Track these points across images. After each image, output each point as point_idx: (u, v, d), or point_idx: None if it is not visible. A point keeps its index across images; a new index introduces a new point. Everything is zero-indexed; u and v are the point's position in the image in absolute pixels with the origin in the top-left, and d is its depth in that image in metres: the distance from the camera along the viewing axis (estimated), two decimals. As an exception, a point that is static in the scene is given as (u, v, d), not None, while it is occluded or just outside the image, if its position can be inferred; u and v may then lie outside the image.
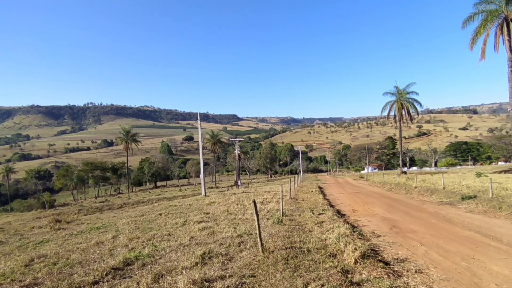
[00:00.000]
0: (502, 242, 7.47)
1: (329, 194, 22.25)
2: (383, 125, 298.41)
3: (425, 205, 14.73)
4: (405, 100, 43.63)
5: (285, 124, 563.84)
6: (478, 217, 11.05)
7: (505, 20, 20.91)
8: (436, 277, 5.32)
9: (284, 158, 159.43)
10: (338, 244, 6.88)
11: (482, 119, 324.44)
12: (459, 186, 19.71)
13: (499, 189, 16.53)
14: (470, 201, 14.08)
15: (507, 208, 11.63)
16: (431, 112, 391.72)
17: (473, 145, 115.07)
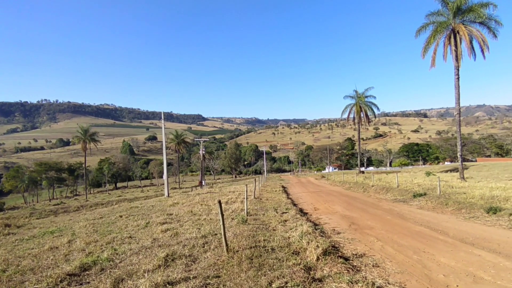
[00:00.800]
0: (449, 236, 8.05)
1: (292, 193, 22.60)
2: (343, 127, 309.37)
3: (381, 203, 15.48)
4: (364, 103, 45.64)
5: (250, 125, 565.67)
6: (428, 213, 11.81)
7: (452, 31, 22.61)
8: (391, 270, 5.61)
9: (249, 158, 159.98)
10: (301, 242, 7.01)
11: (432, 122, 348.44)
12: (411, 185, 20.95)
13: (446, 187, 17.80)
14: (421, 198, 15.01)
15: (453, 204, 12.55)
16: (387, 115, 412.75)
17: (424, 147, 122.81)
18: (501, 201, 12.31)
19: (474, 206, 11.66)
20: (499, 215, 10.09)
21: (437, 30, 23.08)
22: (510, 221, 9.29)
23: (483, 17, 21.53)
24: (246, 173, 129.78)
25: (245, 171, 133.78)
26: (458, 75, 23.02)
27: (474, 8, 21.65)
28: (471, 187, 17.46)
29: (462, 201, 12.85)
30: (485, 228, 8.87)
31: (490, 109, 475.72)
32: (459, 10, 22.28)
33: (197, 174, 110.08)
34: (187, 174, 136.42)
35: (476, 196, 13.89)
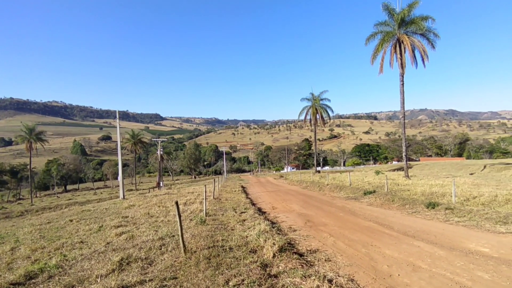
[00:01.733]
0: (394, 230, 8.67)
1: (251, 193, 22.75)
2: (300, 128, 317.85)
3: (335, 200, 16.19)
4: (319, 106, 47.33)
5: (210, 125, 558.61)
6: (376, 209, 12.59)
7: (398, 41, 24.36)
8: (342, 263, 5.93)
9: (209, 158, 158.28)
10: (259, 240, 7.14)
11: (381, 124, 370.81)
12: (362, 183, 22.15)
13: (393, 185, 19.09)
14: (370, 196, 15.95)
15: (398, 200, 13.52)
16: (341, 117, 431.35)
17: (374, 147, 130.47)
18: (438, 197, 13.51)
19: (416, 202, 12.65)
20: (437, 209, 11.06)
21: (384, 39, 24.72)
22: (446, 215, 10.23)
23: (423, 29, 23.50)
24: (206, 173, 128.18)
25: (205, 172, 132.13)
26: (402, 81, 24.82)
27: (416, 21, 23.55)
28: (414, 185, 18.91)
29: (406, 197, 13.88)
30: (424, 221, 9.68)
31: (431, 113, 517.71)
32: (403, 22, 24.05)
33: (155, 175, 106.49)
34: (144, 175, 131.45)
35: (418, 192, 15.11)
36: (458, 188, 15.54)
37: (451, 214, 10.24)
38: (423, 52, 23.45)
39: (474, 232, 8.06)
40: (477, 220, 9.13)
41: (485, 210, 9.92)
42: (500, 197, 12.17)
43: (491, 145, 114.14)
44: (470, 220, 9.28)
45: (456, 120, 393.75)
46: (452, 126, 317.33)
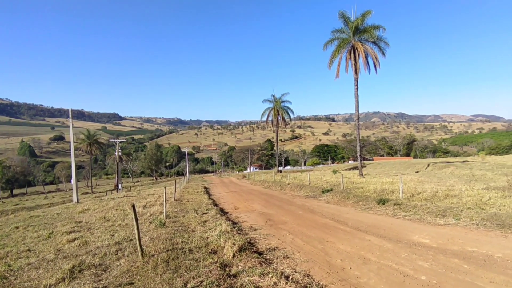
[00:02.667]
0: (348, 225, 9.08)
1: (214, 193, 22.58)
2: (263, 129, 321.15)
3: (295, 199, 16.57)
4: (280, 107, 48.23)
5: (172, 125, 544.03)
6: (333, 207, 13.10)
7: (352, 47, 25.61)
8: (299, 260, 6.10)
9: (171, 159, 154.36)
10: (219, 240, 7.12)
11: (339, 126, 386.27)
12: (320, 182, 22.90)
13: (348, 183, 19.95)
14: (328, 194, 16.55)
15: (353, 198, 14.17)
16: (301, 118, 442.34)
17: (332, 148, 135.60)
18: (388, 194, 14.37)
19: (369, 198, 13.36)
20: (387, 205, 11.77)
21: (341, 45, 25.84)
22: (394, 210, 10.92)
23: (374, 38, 24.95)
24: (168, 175, 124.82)
25: (167, 173, 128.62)
26: (357, 85, 26.11)
27: (368, 29, 24.92)
28: (367, 183, 19.93)
29: (360, 194, 14.59)
30: (375, 217, 10.25)
31: (383, 116, 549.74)
32: (357, 30, 25.33)
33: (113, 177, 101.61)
34: (101, 177, 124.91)
35: (371, 190, 15.94)
36: (405, 185, 16.65)
37: (398, 209, 10.94)
38: (375, 59, 24.85)
39: (417, 225, 8.70)
40: (420, 214, 9.85)
41: (427, 205, 10.74)
42: (440, 193, 13.25)
43: (434, 145, 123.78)
44: (415, 214, 9.99)
45: (405, 122, 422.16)
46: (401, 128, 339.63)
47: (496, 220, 8.10)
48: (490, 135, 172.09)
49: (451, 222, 8.65)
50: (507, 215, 8.26)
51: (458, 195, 12.52)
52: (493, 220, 8.18)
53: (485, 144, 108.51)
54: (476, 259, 5.57)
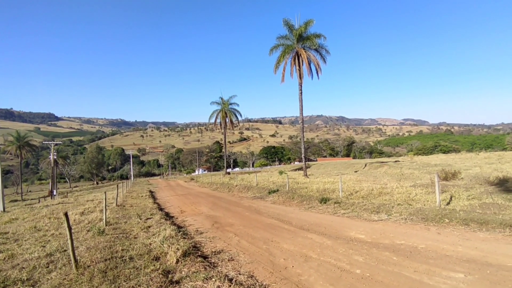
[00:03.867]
0: (292, 225, 9.34)
1: (159, 197, 21.77)
2: (212, 131, 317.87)
3: (242, 201, 16.60)
4: (228, 110, 48.35)
5: (115, 127, 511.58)
6: (278, 207, 13.39)
7: (296, 54, 26.68)
8: (244, 261, 6.10)
9: (114, 162, 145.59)
10: (163, 246, 6.82)
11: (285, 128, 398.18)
12: (267, 183, 23.31)
13: (293, 183, 20.61)
14: (274, 194, 16.89)
15: (297, 198, 14.64)
16: (249, 121, 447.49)
17: (279, 149, 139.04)
18: (330, 193, 15.13)
19: (312, 198, 13.91)
20: (328, 204, 12.37)
21: (286, 51, 26.74)
22: (334, 208, 11.52)
23: (316, 45, 26.32)
24: (111, 179, 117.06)
25: (109, 177, 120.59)
26: (301, 90, 27.21)
27: (310, 37, 26.19)
28: (311, 183, 20.78)
29: (304, 194, 15.12)
30: (318, 215, 10.70)
31: (326, 119, 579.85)
32: (301, 37, 26.46)
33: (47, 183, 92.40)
34: (34, 183, 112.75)
35: (314, 189, 16.63)
36: (344, 184, 17.68)
37: (338, 207, 11.57)
38: (317, 65, 26.16)
39: (355, 221, 9.27)
40: (357, 211, 10.52)
41: (364, 202, 11.51)
42: (375, 191, 14.32)
43: (371, 146, 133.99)
44: (353, 211, 10.65)
45: (345, 125, 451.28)
46: (342, 130, 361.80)
47: (421, 215, 8.95)
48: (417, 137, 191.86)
49: (383, 217, 9.36)
50: (430, 210, 9.17)
51: (390, 193, 13.63)
52: (419, 214, 9.03)
53: (413, 145, 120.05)
54: (403, 251, 6.08)
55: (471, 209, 9.23)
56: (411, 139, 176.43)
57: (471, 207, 9.46)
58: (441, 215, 8.49)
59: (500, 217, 7.72)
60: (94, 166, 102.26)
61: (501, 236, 6.59)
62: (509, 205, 9.15)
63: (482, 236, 6.76)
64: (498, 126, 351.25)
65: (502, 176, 15.13)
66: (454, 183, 15.10)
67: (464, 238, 6.68)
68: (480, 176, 16.28)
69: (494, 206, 9.35)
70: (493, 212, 8.55)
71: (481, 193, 11.64)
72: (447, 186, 13.92)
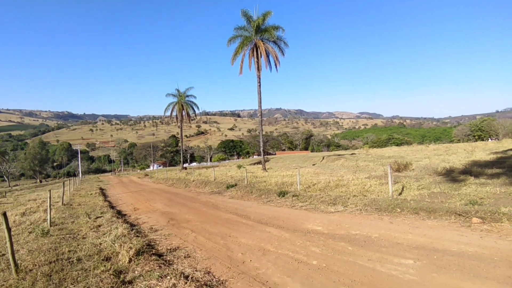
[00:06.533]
0: (250, 219, 9.46)
1: (111, 195, 20.92)
2: (167, 124, 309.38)
3: (199, 196, 16.47)
4: (185, 102, 47.29)
5: (61, 120, 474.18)
6: (236, 201, 13.48)
7: (255, 45, 26.76)
8: (200, 258, 6.07)
9: (60, 158, 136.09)
10: (114, 246, 6.56)
11: (244, 121, 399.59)
12: (225, 177, 23.29)
13: (252, 177, 20.80)
14: (232, 189, 16.94)
15: (256, 192, 14.83)
16: (207, 114, 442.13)
17: (238, 143, 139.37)
18: (288, 186, 15.51)
19: (271, 191, 14.17)
20: (286, 197, 12.69)
21: (244, 42, 26.69)
22: (293, 201, 11.86)
23: (275, 38, 26.61)
24: (56, 176, 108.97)
25: (55, 174, 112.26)
26: (259, 83, 27.43)
27: (269, 29, 26.40)
28: (270, 176, 21.14)
29: (262, 188, 15.35)
30: (276, 209, 10.95)
31: (285, 112, 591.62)
32: (259, 29, 26.55)
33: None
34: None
35: (273, 183, 16.95)
36: (302, 177, 18.22)
37: (296, 200, 11.92)
38: (275, 58, 26.48)
39: (312, 214, 9.63)
40: (315, 204, 10.93)
41: (321, 195, 11.98)
42: (332, 183, 14.95)
43: (328, 140, 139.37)
44: (310, 204, 11.04)
45: (303, 118, 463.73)
46: (301, 124, 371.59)
47: (375, 205, 9.54)
48: (373, 130, 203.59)
49: (340, 209, 9.84)
50: (383, 200, 9.81)
51: (346, 185, 14.31)
52: (373, 205, 9.61)
53: (368, 138, 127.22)
54: (358, 241, 6.46)
55: (421, 198, 10.02)
56: (367, 132, 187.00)
57: (421, 197, 10.26)
58: (393, 205, 9.11)
59: (446, 205, 8.47)
60: (36, 162, 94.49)
61: (447, 223, 7.26)
62: (455, 194, 10.08)
63: (430, 223, 7.38)
64: (446, 119, 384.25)
65: (449, 166, 16.59)
66: (406, 174, 16.24)
67: (414, 226, 7.25)
68: (429, 167, 17.66)
69: (441, 195, 10.24)
70: (440, 201, 9.35)
71: (430, 183, 12.61)
72: (400, 177, 14.92)
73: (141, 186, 26.90)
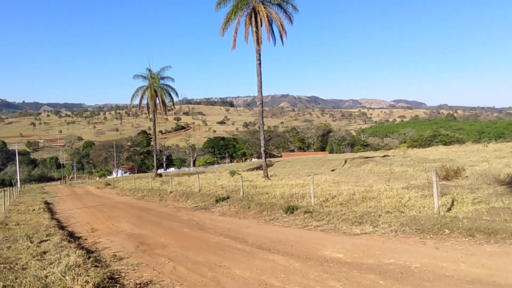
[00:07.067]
0: (248, 243, 9.49)
1: (60, 211, 21.27)
2: (136, 116, 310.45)
3: (179, 213, 16.59)
4: (159, 86, 47.28)
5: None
6: (229, 220, 13.55)
7: (253, 10, 26.68)
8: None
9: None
10: (65, 279, 6.57)
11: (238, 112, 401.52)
12: (214, 187, 23.40)
13: (250, 188, 20.88)
14: (223, 203, 17.04)
15: (255, 206, 14.90)
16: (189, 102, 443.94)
17: (230, 141, 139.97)
18: (298, 199, 15.57)
19: (275, 206, 14.24)
20: (296, 214, 12.73)
21: (238, 6, 26.57)
22: (305, 219, 11.90)
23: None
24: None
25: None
26: (260, 60, 27.42)
27: (272, -13, 26.39)
28: (273, 186, 21.21)
29: (264, 202, 15.44)
30: (282, 229, 10.99)
31: (294, 100, 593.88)
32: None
33: None
34: None
35: (278, 195, 17.01)
36: (318, 187, 18.25)
37: (310, 218, 11.96)
38: (281, 26, 26.48)
39: (331, 236, 9.66)
40: (334, 223, 10.96)
41: (343, 211, 12.02)
42: (357, 195, 14.99)
43: (353, 137, 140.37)
44: (328, 223, 11.08)
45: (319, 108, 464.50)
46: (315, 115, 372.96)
47: (415, 224, 9.56)
48: (412, 124, 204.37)
49: (368, 230, 9.87)
50: (426, 218, 9.82)
51: (376, 197, 14.34)
52: (412, 224, 9.63)
53: (407, 135, 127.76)
54: (393, 273, 6.46)
55: (477, 216, 9.93)
56: (404, 126, 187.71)
57: (477, 214, 10.18)
58: (440, 224, 9.11)
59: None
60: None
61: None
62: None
63: (489, 249, 7.35)
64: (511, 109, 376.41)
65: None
66: (457, 183, 16.23)
67: (468, 253, 7.23)
68: (489, 174, 17.60)
69: (504, 211, 10.09)
70: (504, 219, 9.21)
71: (489, 195, 12.49)
72: (448, 187, 14.89)
73: (101, 199, 27.09)
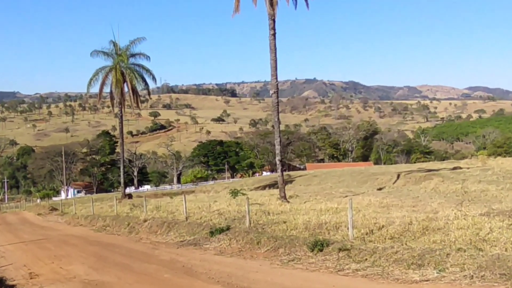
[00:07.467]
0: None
1: (-17, 248, 21.21)
2: (94, 111, 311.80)
3: (157, 250, 16.60)
4: (128, 67, 46.05)
5: None
6: (230, 261, 13.49)
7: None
8: None
9: None
10: None
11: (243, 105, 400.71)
12: (208, 214, 23.33)
13: (260, 214, 20.82)
14: (221, 236, 16.96)
15: (267, 242, 14.81)
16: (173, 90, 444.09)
17: (231, 147, 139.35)
18: (330, 230, 15.49)
19: (296, 241, 14.14)
20: (326, 252, 12.65)
21: None
22: (339, 260, 11.81)
23: None
24: None
25: None
26: (274, 29, 27.15)
27: None
28: (294, 212, 21.11)
29: (280, 235, 15.34)
30: (307, 275, 10.93)
31: (323, 87, 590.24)
32: None
33: None
34: None
35: (300, 225, 16.93)
36: (359, 213, 18.19)
37: (347, 258, 11.87)
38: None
39: (377, 284, 9.59)
40: (383, 266, 10.86)
41: (395, 248, 11.90)
42: (415, 225, 14.87)
43: (409, 140, 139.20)
44: (374, 265, 10.99)
45: (360, 100, 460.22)
46: (354, 109, 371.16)
47: (499, 268, 9.40)
48: (495, 122, 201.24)
49: (431, 275, 9.76)
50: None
51: (443, 228, 14.22)
52: (495, 267, 9.48)
53: (487, 137, 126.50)
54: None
55: None
56: (484, 125, 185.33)
57: None
58: (535, 268, 9.01)
59: None
60: None
61: None
62: None
63: None
64: None
65: None
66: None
67: None
68: None
69: None
70: None
71: None
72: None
73: (45, 231, 27.16)
